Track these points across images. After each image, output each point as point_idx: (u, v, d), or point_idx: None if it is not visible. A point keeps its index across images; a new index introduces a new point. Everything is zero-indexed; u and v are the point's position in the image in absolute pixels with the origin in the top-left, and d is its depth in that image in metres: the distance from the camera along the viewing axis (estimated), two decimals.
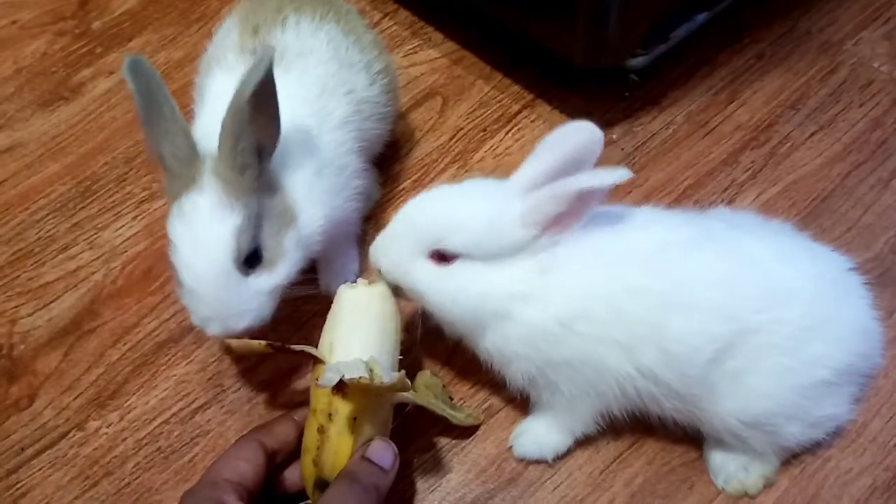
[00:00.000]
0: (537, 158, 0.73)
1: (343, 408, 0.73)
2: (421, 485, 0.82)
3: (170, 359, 0.90)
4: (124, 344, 0.91)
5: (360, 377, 0.69)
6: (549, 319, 0.71)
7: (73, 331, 0.92)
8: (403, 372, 0.73)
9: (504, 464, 0.82)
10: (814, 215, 0.97)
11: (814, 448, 0.80)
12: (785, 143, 1.04)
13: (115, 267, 0.97)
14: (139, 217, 1.01)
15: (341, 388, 0.71)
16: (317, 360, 0.76)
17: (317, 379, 0.75)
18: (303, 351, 0.77)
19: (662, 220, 0.76)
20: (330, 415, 0.73)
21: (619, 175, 0.69)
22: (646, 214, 0.77)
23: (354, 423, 0.73)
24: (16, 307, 0.94)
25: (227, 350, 0.78)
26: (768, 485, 0.80)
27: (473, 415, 0.85)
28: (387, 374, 0.71)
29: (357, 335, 0.76)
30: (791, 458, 0.81)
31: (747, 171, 1.02)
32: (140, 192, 1.03)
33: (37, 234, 1.00)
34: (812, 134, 1.04)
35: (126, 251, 0.98)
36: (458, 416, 0.83)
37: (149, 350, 0.91)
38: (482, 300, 0.72)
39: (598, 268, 0.71)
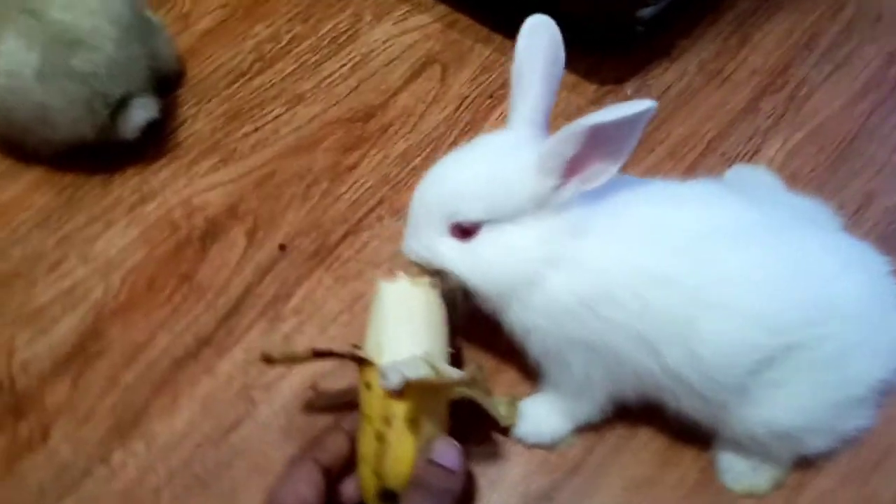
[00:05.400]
0: (521, 87, 0.69)
1: (401, 410, 0.68)
2: (482, 480, 0.77)
3: (190, 375, 0.83)
4: (137, 364, 0.84)
5: (426, 375, 0.64)
6: (571, 294, 0.66)
7: (78, 355, 0.85)
8: (475, 366, 0.69)
9: (567, 450, 0.78)
10: (842, 159, 0.94)
11: None
12: (803, 86, 1.00)
13: (115, 280, 0.89)
14: (132, 223, 0.93)
15: (398, 389, 0.66)
16: (363, 362, 0.71)
17: (367, 383, 0.70)
18: (351, 354, 0.72)
19: (714, 201, 0.70)
20: (387, 419, 0.68)
21: (636, 107, 0.61)
22: (696, 190, 0.72)
23: (414, 424, 0.68)
24: (11, 336, 0.86)
25: (268, 360, 0.72)
26: (778, 486, 0.76)
27: (515, 407, 0.80)
28: (453, 371, 0.67)
29: (406, 331, 0.71)
30: None
31: (769, 117, 0.98)
32: (129, 195, 0.95)
33: (22, 252, 0.91)
34: (829, 74, 1.01)
35: (124, 261, 0.90)
36: (503, 414, 0.77)
37: (166, 368, 0.84)
38: (513, 266, 0.67)
39: (630, 246, 0.66)
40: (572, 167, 0.65)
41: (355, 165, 0.97)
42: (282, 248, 0.91)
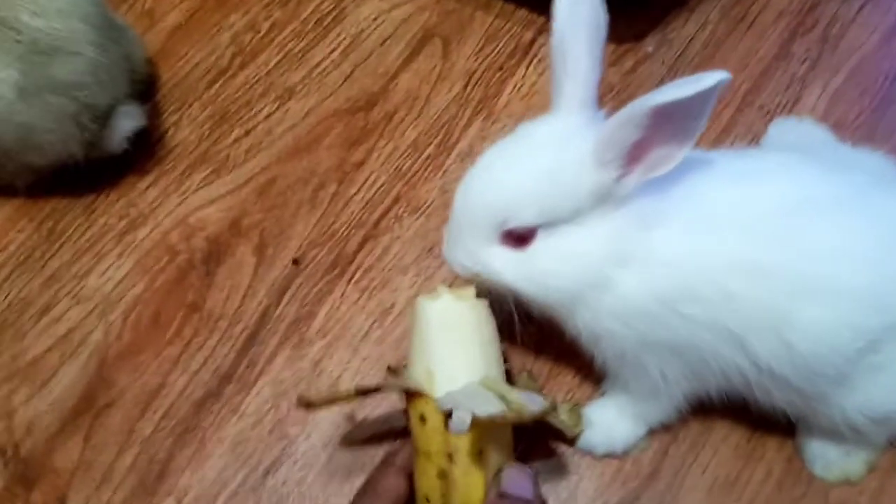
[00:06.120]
0: (566, 64, 0.60)
1: (465, 443, 0.61)
2: (553, 500, 0.71)
3: (214, 418, 0.75)
4: (154, 412, 0.76)
5: (498, 413, 0.57)
6: (647, 294, 0.59)
7: (86, 409, 0.76)
8: (525, 375, 0.66)
9: (641, 456, 0.72)
10: (888, 99, 0.87)
11: None
12: (835, 24, 0.93)
13: (115, 319, 0.80)
14: (125, 252, 0.83)
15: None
16: (411, 393, 0.64)
17: (421, 415, 0.63)
18: (400, 387, 0.64)
19: (789, 172, 0.62)
20: (450, 455, 0.61)
21: (708, 80, 0.52)
22: (768, 162, 0.64)
23: (480, 456, 0.61)
24: (8, 395, 0.77)
25: (307, 405, 0.65)
26: (871, 469, 0.70)
27: (578, 413, 0.72)
28: (526, 397, 0.60)
29: (457, 354, 0.64)
30: None
31: (804, 62, 0.90)
32: (117, 221, 0.85)
33: (6, 298, 0.82)
34: (860, 8, 0.93)
35: (122, 297, 0.81)
36: (568, 423, 0.70)
37: (186, 413, 0.76)
38: (578, 272, 0.60)
39: (709, 233, 0.59)
40: (635, 154, 0.57)
41: (363, 161, 0.88)
42: (295, 263, 0.82)
